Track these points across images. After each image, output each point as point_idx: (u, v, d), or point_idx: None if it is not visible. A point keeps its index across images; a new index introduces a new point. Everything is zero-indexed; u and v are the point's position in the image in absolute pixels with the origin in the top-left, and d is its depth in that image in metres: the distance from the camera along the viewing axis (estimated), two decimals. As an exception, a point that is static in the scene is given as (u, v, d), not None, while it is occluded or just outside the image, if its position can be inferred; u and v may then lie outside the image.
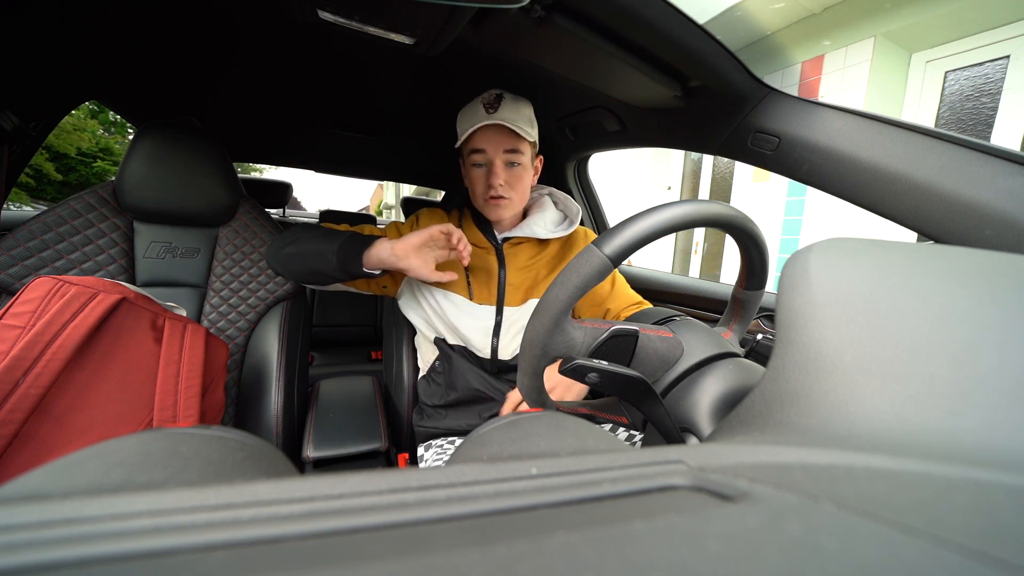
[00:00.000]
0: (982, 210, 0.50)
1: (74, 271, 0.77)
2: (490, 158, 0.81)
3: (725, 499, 0.14)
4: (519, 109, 0.80)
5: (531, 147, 0.84)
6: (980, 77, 2.40)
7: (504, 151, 0.80)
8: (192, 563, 0.11)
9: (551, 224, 0.92)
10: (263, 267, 0.94)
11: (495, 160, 0.80)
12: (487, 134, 0.79)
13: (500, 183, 0.80)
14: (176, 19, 0.80)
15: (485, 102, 0.80)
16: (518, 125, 0.77)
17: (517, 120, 0.78)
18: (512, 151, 0.80)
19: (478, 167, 0.83)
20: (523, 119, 0.80)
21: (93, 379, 0.59)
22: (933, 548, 0.11)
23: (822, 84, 2.90)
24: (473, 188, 0.85)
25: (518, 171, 0.82)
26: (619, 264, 0.40)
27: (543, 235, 0.89)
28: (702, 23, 0.61)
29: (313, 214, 3.51)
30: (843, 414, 0.19)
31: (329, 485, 0.14)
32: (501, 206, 0.83)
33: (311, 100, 1.19)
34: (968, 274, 0.22)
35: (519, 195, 0.84)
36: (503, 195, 0.82)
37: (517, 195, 0.84)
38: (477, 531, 0.12)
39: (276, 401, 0.87)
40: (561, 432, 0.27)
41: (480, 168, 0.82)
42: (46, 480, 0.20)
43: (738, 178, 3.51)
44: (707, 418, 0.39)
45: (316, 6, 0.59)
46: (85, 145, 7.64)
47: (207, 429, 0.27)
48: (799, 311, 0.23)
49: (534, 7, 0.59)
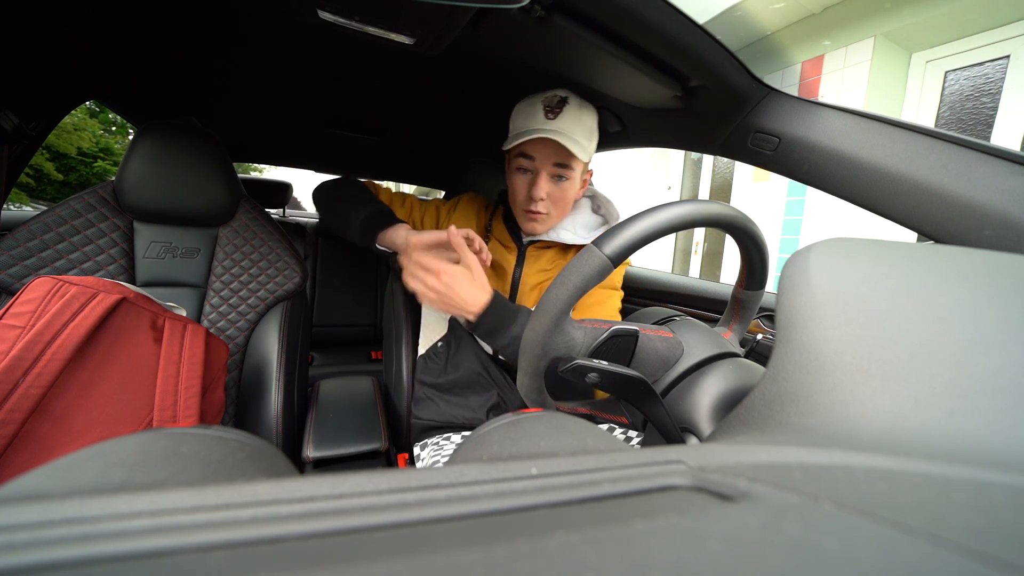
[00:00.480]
0: (982, 210, 0.50)
1: (74, 271, 0.77)
2: (537, 167, 0.74)
3: (725, 499, 0.14)
4: (581, 119, 0.73)
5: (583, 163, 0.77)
6: (980, 77, 2.40)
7: (554, 164, 0.73)
8: (192, 563, 0.11)
9: (582, 229, 0.85)
10: (263, 267, 0.94)
11: (542, 171, 0.74)
12: (541, 143, 0.72)
13: (542, 196, 0.74)
14: (176, 19, 0.80)
15: (546, 105, 0.72)
16: (576, 140, 0.70)
17: (576, 133, 0.71)
18: (562, 165, 0.74)
19: (522, 172, 0.76)
20: (583, 131, 0.73)
21: (93, 379, 0.59)
22: (933, 548, 0.11)
23: (822, 84, 2.90)
24: (513, 193, 0.79)
25: (564, 186, 0.75)
26: (619, 264, 0.40)
27: (570, 240, 0.82)
28: (702, 23, 0.61)
29: (313, 214, 3.51)
30: (843, 414, 0.19)
31: (329, 485, 0.14)
32: (538, 222, 0.78)
33: (311, 100, 1.19)
34: (968, 274, 0.22)
35: (559, 211, 0.79)
36: (542, 211, 0.76)
37: (557, 211, 0.78)
38: (477, 531, 0.12)
39: (276, 401, 0.87)
40: (561, 432, 0.27)
41: (524, 174, 0.76)
42: (46, 480, 0.20)
43: (738, 178, 3.51)
44: (707, 418, 0.39)
45: (316, 6, 0.59)
46: (85, 145, 7.64)
47: (207, 429, 0.27)
48: (799, 311, 0.23)
49: (534, 7, 0.59)
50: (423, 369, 0.92)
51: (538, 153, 0.73)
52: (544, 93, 0.75)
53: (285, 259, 0.96)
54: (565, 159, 0.73)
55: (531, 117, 0.73)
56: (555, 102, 0.72)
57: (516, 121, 0.77)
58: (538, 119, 0.72)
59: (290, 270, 0.96)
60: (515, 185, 0.78)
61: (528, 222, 0.80)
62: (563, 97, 0.73)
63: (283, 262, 0.95)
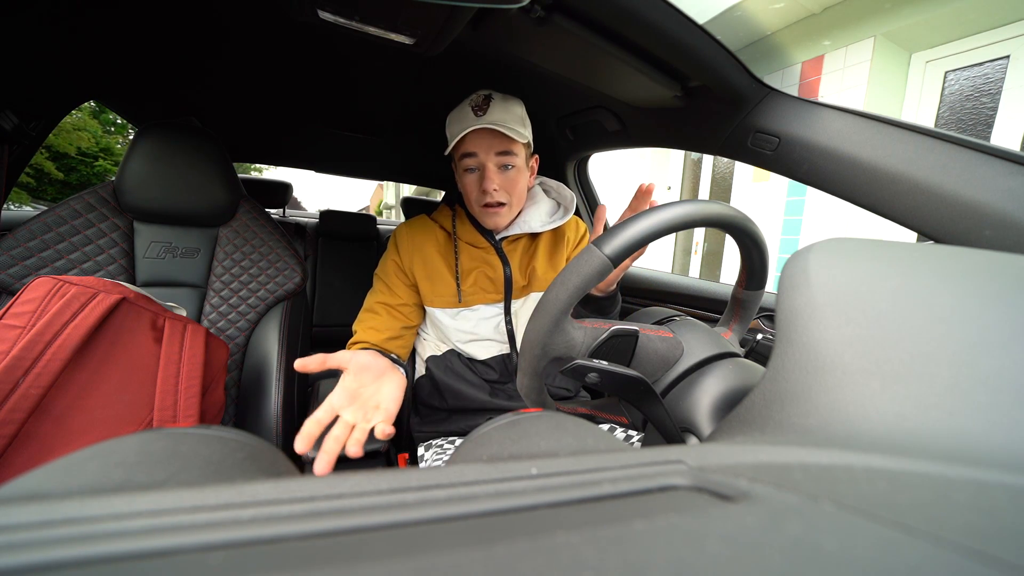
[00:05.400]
0: (982, 210, 0.50)
1: (74, 271, 0.77)
2: (482, 162, 0.77)
3: (725, 499, 0.14)
4: (510, 109, 0.77)
5: (525, 148, 0.81)
6: (980, 77, 2.40)
7: (496, 154, 0.77)
8: (192, 563, 0.11)
9: (545, 216, 0.89)
10: (263, 267, 0.94)
11: (487, 164, 0.77)
12: (477, 137, 0.76)
13: (495, 187, 0.78)
14: (176, 19, 0.80)
15: (473, 104, 0.77)
16: (509, 127, 0.74)
17: (508, 121, 0.75)
18: (505, 153, 0.77)
19: (470, 172, 0.80)
20: (514, 119, 0.77)
21: (93, 379, 0.59)
22: (933, 548, 0.11)
23: (822, 84, 2.90)
24: (467, 194, 0.82)
25: (512, 174, 0.79)
26: (619, 264, 0.40)
27: (539, 228, 0.86)
28: (702, 23, 0.61)
29: (313, 214, 3.51)
30: (843, 414, 0.19)
31: (329, 485, 0.14)
32: (500, 214, 0.81)
33: (311, 100, 1.19)
34: (968, 274, 0.22)
35: (516, 199, 0.82)
36: (499, 201, 0.79)
37: (514, 199, 0.81)
38: (477, 531, 0.12)
39: (276, 401, 0.87)
40: (561, 432, 0.27)
41: (473, 173, 0.80)
42: (46, 480, 0.20)
43: (738, 178, 3.51)
44: (707, 418, 0.39)
45: (316, 6, 0.59)
46: (85, 145, 7.64)
47: (207, 429, 0.27)
48: (799, 311, 0.23)
49: (534, 7, 0.59)
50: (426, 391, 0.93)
51: (479, 147, 0.77)
52: (469, 97, 0.79)
53: (285, 259, 0.96)
54: (506, 146, 0.77)
55: (463, 119, 0.77)
56: (480, 100, 0.77)
57: (451, 128, 0.80)
58: (469, 119, 0.76)
59: (290, 270, 0.96)
60: (467, 187, 0.82)
61: (490, 217, 0.82)
62: (487, 95, 0.77)
63: (283, 262, 0.95)
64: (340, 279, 1.93)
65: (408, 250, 0.88)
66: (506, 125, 0.74)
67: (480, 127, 0.74)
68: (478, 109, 0.76)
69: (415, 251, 0.88)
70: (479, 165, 0.78)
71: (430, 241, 0.89)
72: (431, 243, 0.89)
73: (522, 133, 0.77)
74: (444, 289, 0.87)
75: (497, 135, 0.76)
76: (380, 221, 2.51)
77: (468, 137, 0.76)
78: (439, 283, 0.87)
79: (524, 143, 0.79)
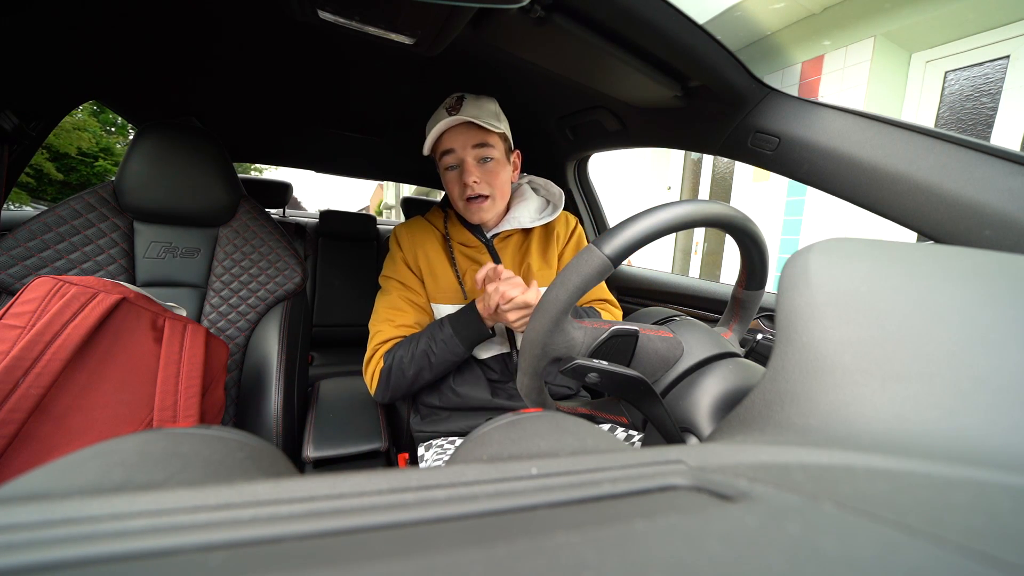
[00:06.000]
0: (982, 210, 0.50)
1: (74, 271, 0.77)
2: (460, 156, 0.80)
3: (725, 499, 0.14)
4: (482, 105, 0.79)
5: (502, 140, 0.83)
6: (980, 77, 2.40)
7: (473, 147, 0.79)
8: (192, 563, 0.11)
9: (535, 212, 0.91)
10: (263, 267, 0.94)
11: (466, 158, 0.80)
12: (453, 134, 0.79)
13: (474, 180, 0.79)
14: (176, 19, 0.80)
15: (447, 106, 0.79)
16: (482, 119, 0.76)
17: (481, 115, 0.77)
18: (481, 145, 0.79)
19: (451, 169, 0.82)
20: (487, 114, 0.79)
21: (93, 379, 0.59)
22: (933, 548, 0.11)
23: (822, 84, 2.90)
24: (451, 192, 0.85)
25: (492, 166, 0.81)
26: (619, 264, 0.40)
27: (529, 224, 0.88)
28: (702, 23, 0.61)
29: (313, 214, 3.50)
30: (843, 414, 0.19)
31: (329, 485, 0.14)
32: (483, 208, 0.83)
33: (311, 100, 1.19)
34: (968, 274, 0.22)
35: (499, 192, 0.83)
36: (481, 193, 0.81)
37: (497, 192, 0.83)
38: (477, 531, 0.12)
39: (276, 401, 0.87)
40: (561, 432, 0.27)
41: (453, 170, 0.82)
42: (46, 480, 0.20)
43: (738, 178, 3.51)
44: (707, 418, 0.39)
45: (316, 6, 0.59)
46: (85, 145, 7.64)
47: (207, 429, 0.27)
48: (799, 311, 0.23)
49: (534, 7, 0.59)
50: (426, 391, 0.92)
51: (455, 142, 0.79)
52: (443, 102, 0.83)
53: (285, 259, 0.96)
54: (481, 138, 0.79)
55: (438, 119, 0.79)
56: (453, 101, 0.80)
57: (428, 130, 0.82)
58: (443, 118, 0.78)
59: (290, 270, 0.96)
60: (450, 184, 0.84)
61: (475, 212, 0.83)
62: (459, 96, 0.81)
63: (283, 262, 0.96)
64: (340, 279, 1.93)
65: (410, 247, 0.90)
66: (479, 118, 0.77)
67: (455, 123, 0.77)
68: (452, 109, 0.79)
69: (417, 247, 0.90)
70: (458, 161, 0.81)
71: (429, 239, 0.91)
72: (431, 241, 0.91)
73: (496, 125, 0.79)
74: (448, 285, 0.88)
75: (472, 128, 0.79)
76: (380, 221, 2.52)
77: (445, 135, 0.80)
78: (442, 279, 0.88)
79: (500, 134, 0.82)
